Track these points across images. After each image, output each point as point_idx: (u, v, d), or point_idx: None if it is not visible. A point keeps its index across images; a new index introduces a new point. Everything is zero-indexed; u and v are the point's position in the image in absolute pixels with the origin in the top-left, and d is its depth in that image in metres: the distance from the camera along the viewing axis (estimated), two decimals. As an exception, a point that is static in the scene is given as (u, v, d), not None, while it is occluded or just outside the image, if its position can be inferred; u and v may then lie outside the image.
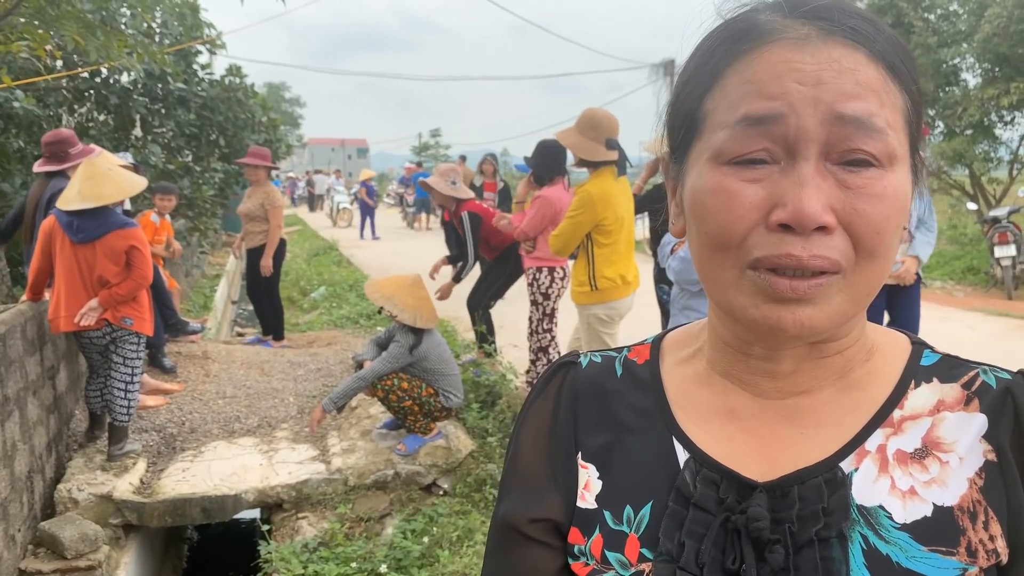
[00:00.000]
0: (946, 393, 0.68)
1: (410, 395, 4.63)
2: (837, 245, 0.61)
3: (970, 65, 12.40)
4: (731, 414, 0.72)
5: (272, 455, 4.86)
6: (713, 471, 0.70)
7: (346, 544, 4.02)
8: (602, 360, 0.82)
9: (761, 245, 0.61)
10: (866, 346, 0.72)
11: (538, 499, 0.76)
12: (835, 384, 0.70)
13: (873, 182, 0.61)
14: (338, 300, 10.53)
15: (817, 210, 0.59)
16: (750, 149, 0.62)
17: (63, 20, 4.78)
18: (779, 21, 0.64)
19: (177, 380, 6.03)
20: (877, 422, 0.68)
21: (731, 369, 0.73)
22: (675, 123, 0.71)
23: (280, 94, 62.40)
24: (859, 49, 0.62)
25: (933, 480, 0.65)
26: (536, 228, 5.23)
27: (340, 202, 25.52)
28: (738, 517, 0.66)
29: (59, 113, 8.21)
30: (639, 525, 0.71)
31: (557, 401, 0.80)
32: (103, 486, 4.29)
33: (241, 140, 10.24)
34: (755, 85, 0.62)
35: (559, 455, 0.77)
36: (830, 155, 0.61)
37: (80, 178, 4.41)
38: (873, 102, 0.61)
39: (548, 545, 0.75)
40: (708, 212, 0.64)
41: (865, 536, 0.64)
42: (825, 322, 0.63)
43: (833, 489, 0.66)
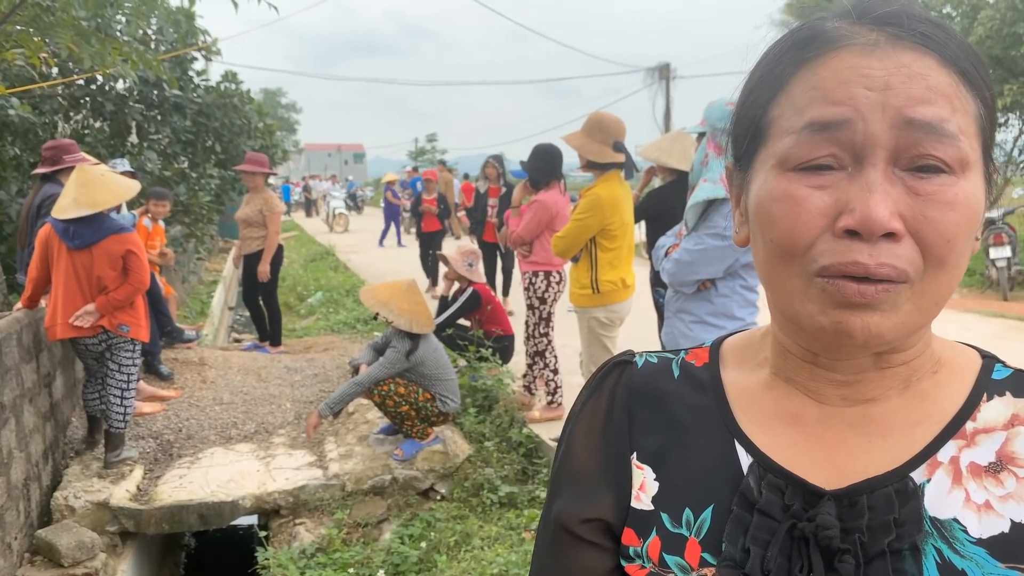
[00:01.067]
0: (1020, 407, 0.67)
1: (407, 400, 4.64)
2: (905, 254, 0.60)
3: (964, 67, 12.47)
4: (795, 420, 0.71)
5: (269, 461, 4.86)
6: (778, 476, 0.68)
7: (344, 550, 4.02)
8: (658, 361, 0.80)
9: (827, 252, 0.60)
10: (933, 358, 0.70)
11: (590, 499, 0.75)
12: (902, 394, 0.69)
13: (944, 189, 0.60)
14: (335, 305, 10.53)
15: (885, 216, 0.58)
16: (816, 155, 0.61)
17: (58, 28, 4.78)
18: (846, 28, 0.63)
19: (174, 387, 6.02)
20: (949, 433, 0.66)
21: (795, 375, 0.71)
22: (740, 131, 0.70)
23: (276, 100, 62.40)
24: (929, 54, 0.61)
25: (1010, 495, 0.63)
26: (532, 232, 5.24)
27: (336, 207, 25.53)
28: (806, 524, 0.64)
29: (55, 120, 8.20)
30: (700, 529, 0.69)
31: (612, 400, 0.78)
32: (100, 493, 4.28)
33: (237, 146, 10.24)
34: (822, 91, 0.62)
35: (613, 455, 0.76)
36: (899, 161, 0.60)
37: (74, 185, 4.42)
38: (944, 107, 0.60)
39: (599, 546, 0.74)
40: (773, 219, 0.63)
41: (939, 550, 0.62)
42: (892, 330, 0.61)
43: (904, 500, 0.64)
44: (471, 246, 6.65)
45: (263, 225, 7.16)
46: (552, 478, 0.81)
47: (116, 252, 4.43)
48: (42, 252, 4.47)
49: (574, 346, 5.38)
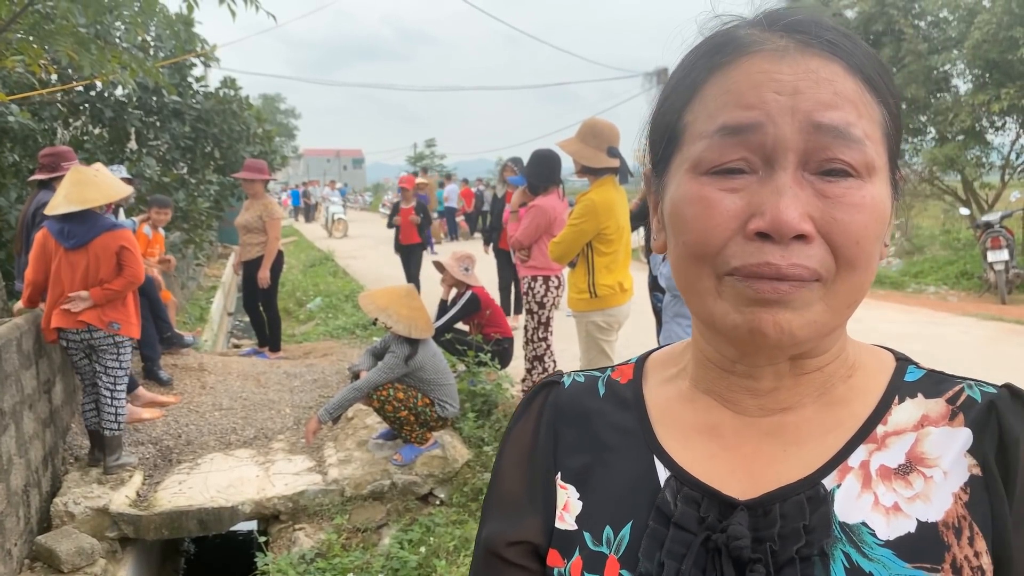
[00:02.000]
0: (931, 408, 0.68)
1: (406, 405, 4.65)
2: (816, 254, 0.60)
3: (961, 71, 12.49)
4: (713, 432, 0.71)
5: (269, 466, 4.86)
6: (694, 489, 0.69)
7: (343, 555, 4.02)
8: (585, 380, 0.81)
9: (739, 254, 0.61)
10: (848, 362, 0.71)
11: (517, 521, 0.76)
12: (817, 401, 0.70)
13: (851, 192, 0.61)
14: (334, 311, 10.53)
15: (795, 218, 0.59)
16: (728, 158, 0.62)
17: (58, 35, 4.80)
18: (758, 35, 0.65)
19: (173, 392, 6.03)
20: (860, 438, 0.67)
21: (714, 387, 0.72)
22: (656, 137, 0.71)
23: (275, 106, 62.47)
24: (836, 61, 0.62)
25: (917, 496, 0.64)
26: (530, 237, 5.25)
27: (335, 213, 25.56)
28: (719, 536, 0.65)
29: (54, 127, 8.22)
30: (619, 546, 0.69)
31: (538, 422, 0.79)
32: (99, 499, 4.28)
33: (236, 152, 10.26)
34: (733, 95, 0.63)
35: (538, 476, 0.76)
36: (808, 164, 0.61)
37: (67, 184, 4.51)
38: (851, 112, 0.61)
39: (526, 569, 0.74)
40: (687, 222, 0.64)
41: (848, 554, 0.63)
42: (804, 328, 0.62)
43: (815, 506, 0.65)
44: (465, 250, 6.66)
45: (263, 231, 7.18)
46: (483, 502, 0.82)
47: (111, 248, 4.50)
48: (39, 254, 4.53)
49: (573, 351, 5.39)
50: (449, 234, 21.94)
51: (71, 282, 4.45)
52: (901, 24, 12.19)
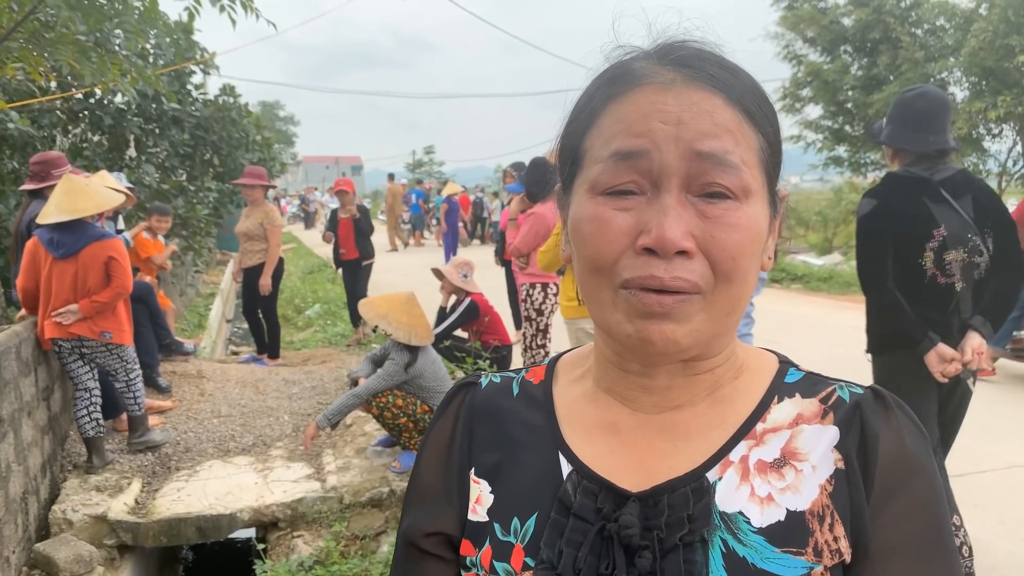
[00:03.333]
0: (805, 407, 0.74)
1: (405, 412, 4.65)
2: (697, 268, 0.67)
3: (957, 79, 12.55)
4: (613, 428, 0.78)
5: (267, 473, 4.86)
6: (593, 482, 0.74)
7: (342, 562, 4.02)
8: (501, 380, 0.87)
9: (629, 267, 0.68)
10: (736, 365, 0.78)
11: (434, 514, 0.81)
12: (706, 400, 0.76)
13: (729, 213, 0.67)
14: (333, 318, 10.53)
15: (677, 236, 0.65)
16: (620, 181, 0.68)
17: (58, 44, 4.82)
18: (650, 67, 0.70)
19: (171, 399, 6.03)
20: (741, 434, 0.74)
21: (613, 386, 0.79)
22: (563, 159, 0.77)
23: (274, 112, 62.50)
24: (717, 94, 0.68)
25: (788, 487, 0.71)
26: (529, 244, 5.26)
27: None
28: (612, 525, 0.71)
29: (53, 134, 8.23)
30: (524, 535, 0.75)
31: (455, 420, 0.85)
32: (98, 507, 4.28)
33: (235, 159, 10.28)
34: (625, 124, 0.69)
35: (454, 471, 0.82)
36: (691, 187, 0.67)
37: (58, 193, 4.55)
38: (728, 141, 0.67)
39: (442, 558, 0.80)
40: (585, 237, 0.71)
41: (725, 540, 0.69)
42: (687, 337, 0.68)
43: (699, 497, 0.71)
44: (464, 257, 6.68)
45: (264, 238, 7.21)
46: (404, 497, 0.87)
47: (99, 258, 4.53)
48: (29, 262, 4.59)
49: (571, 357, 5.39)
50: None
51: (60, 291, 4.50)
52: (898, 32, 12.24)
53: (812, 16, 13.51)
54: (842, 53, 13.69)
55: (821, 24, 13.33)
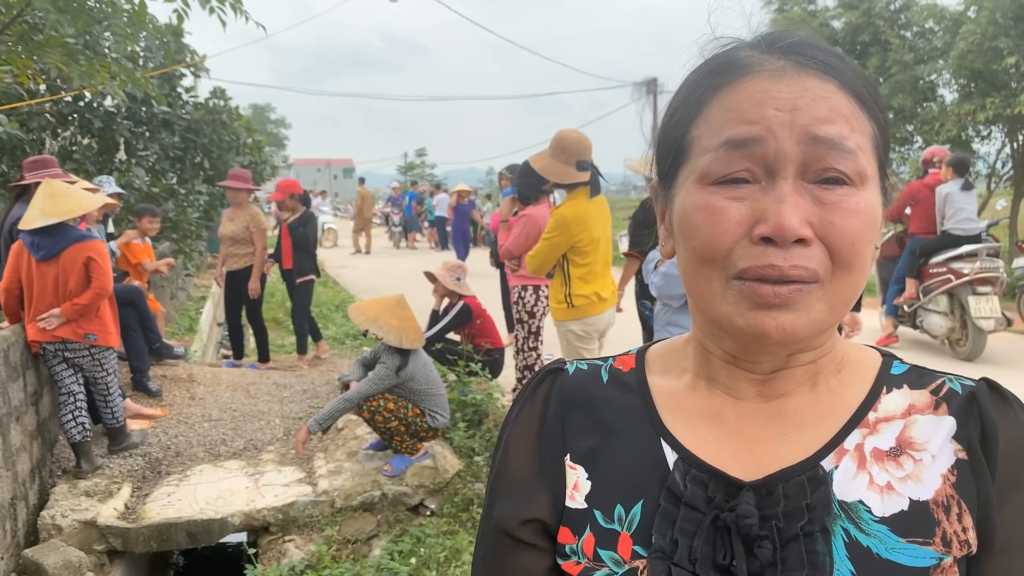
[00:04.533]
0: (916, 398, 0.73)
1: (396, 416, 4.63)
2: (815, 256, 0.65)
3: (946, 81, 12.61)
4: (717, 417, 0.76)
5: (258, 478, 4.84)
6: (702, 471, 0.73)
7: (333, 566, 4.00)
8: (588, 368, 0.85)
9: (745, 257, 0.66)
10: (836, 358, 0.76)
11: (528, 501, 0.80)
12: (811, 391, 0.75)
13: (846, 198, 0.66)
14: (324, 321, 10.50)
15: (795, 224, 0.64)
16: (733, 169, 0.67)
17: (47, 47, 4.80)
18: (757, 56, 0.70)
19: (162, 404, 5.99)
20: (854, 423, 0.73)
21: (715, 375, 0.77)
22: (663, 151, 0.76)
23: (265, 115, 62.37)
24: (830, 80, 0.68)
25: (908, 476, 0.69)
26: (521, 246, 5.26)
27: (325, 222, 25.52)
28: (727, 515, 0.70)
29: (42, 137, 8.19)
30: (631, 523, 0.74)
31: (545, 407, 0.83)
32: (87, 512, 4.25)
33: (226, 162, 10.24)
34: (736, 112, 0.68)
35: (547, 458, 0.80)
36: (806, 174, 0.66)
37: (41, 197, 4.56)
38: (844, 126, 0.66)
39: (537, 547, 0.78)
40: (695, 228, 0.69)
41: (847, 530, 0.68)
42: (805, 328, 0.67)
43: (815, 486, 0.70)
44: (456, 260, 6.68)
45: (250, 242, 7.18)
46: (490, 485, 0.85)
47: (79, 260, 4.54)
48: (13, 264, 4.61)
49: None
50: (439, 243, 21.94)
51: (42, 293, 4.54)
52: (887, 35, 12.30)
53: (802, 19, 13.57)
54: (832, 55, 13.76)
55: (811, 27, 13.38)
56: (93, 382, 4.80)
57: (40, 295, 4.53)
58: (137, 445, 5.10)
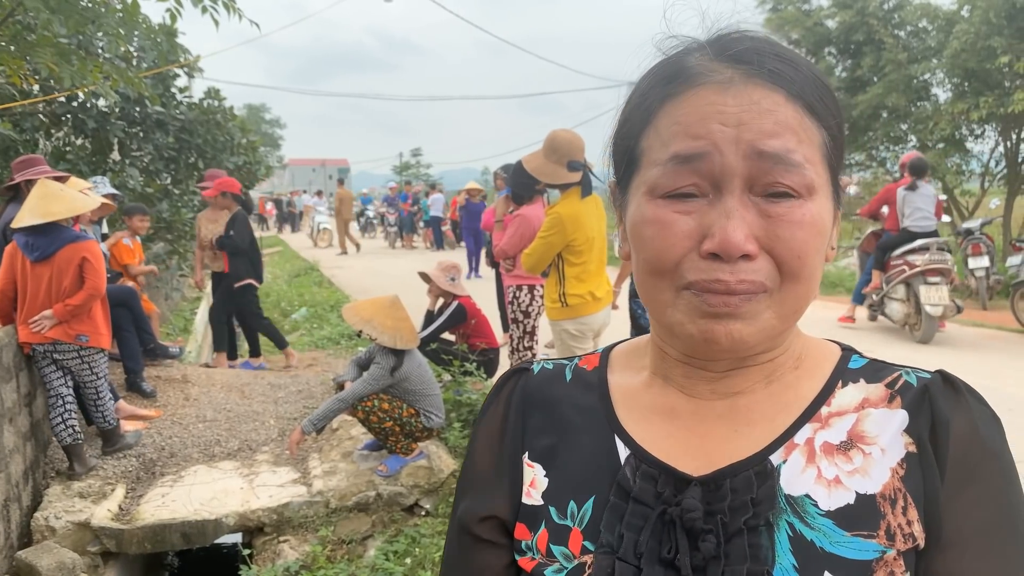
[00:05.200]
0: (871, 392, 0.74)
1: (391, 416, 4.63)
2: (762, 268, 0.67)
3: (940, 80, 12.64)
4: (671, 413, 0.78)
5: (253, 478, 4.83)
6: (652, 467, 0.74)
7: (328, 567, 4.00)
8: (554, 367, 0.88)
9: (693, 270, 0.67)
10: (795, 354, 0.77)
11: (487, 499, 0.82)
12: (766, 387, 0.76)
13: (792, 211, 0.67)
14: (319, 321, 10.49)
15: (740, 240, 0.65)
16: (680, 184, 0.68)
17: (38, 47, 4.78)
18: (706, 64, 0.70)
19: (155, 405, 5.98)
20: (806, 418, 0.73)
21: (671, 374, 0.79)
22: (617, 157, 0.77)
23: (260, 115, 62.32)
24: (778, 91, 0.68)
25: (856, 470, 0.70)
26: (515, 246, 5.26)
27: (321, 223, 25.51)
28: (674, 509, 0.71)
29: (35, 138, 8.17)
30: (582, 519, 0.75)
31: (508, 406, 0.85)
32: (81, 513, 4.24)
33: (220, 163, 10.23)
34: (683, 126, 0.68)
35: (507, 456, 0.82)
36: (753, 188, 0.67)
37: (33, 197, 4.56)
38: (791, 139, 0.67)
39: (495, 544, 0.80)
40: (645, 240, 0.70)
41: (791, 523, 0.69)
42: (754, 336, 0.68)
43: (762, 480, 0.70)
44: (452, 260, 6.67)
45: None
46: (458, 483, 0.87)
47: (73, 260, 4.53)
48: (7, 265, 4.60)
49: (558, 359, 5.39)
50: (435, 243, 21.94)
51: (36, 294, 4.52)
52: (881, 34, 12.33)
53: (796, 18, 13.58)
54: (826, 55, 13.77)
55: (805, 26, 13.40)
56: (82, 385, 4.77)
57: (34, 296, 4.51)
58: (131, 446, 5.09)
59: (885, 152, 13.93)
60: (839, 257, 15.80)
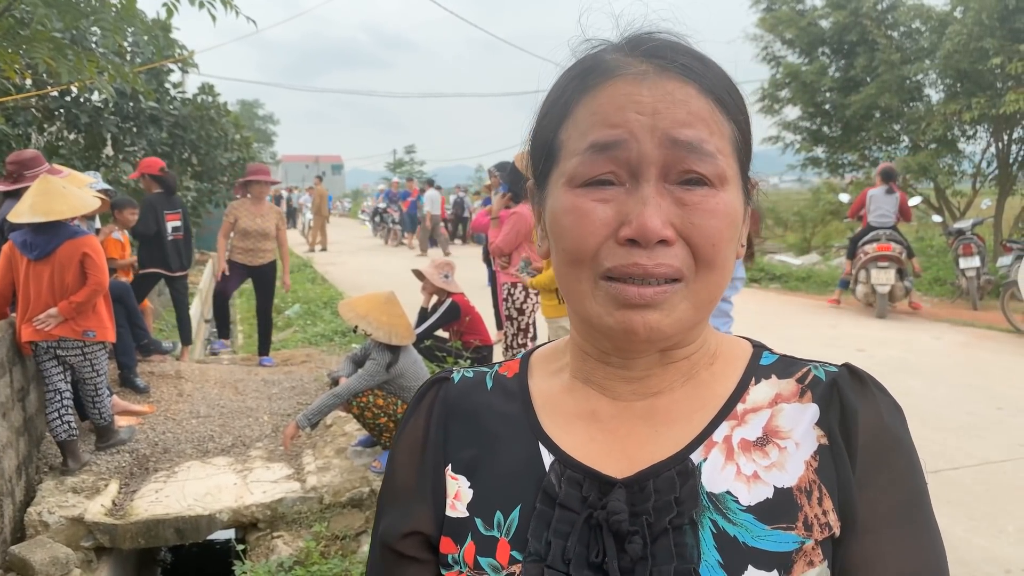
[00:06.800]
0: (783, 387, 0.76)
1: (385, 412, 4.64)
2: (678, 255, 0.68)
3: (932, 81, 12.70)
4: (592, 417, 0.78)
5: (247, 474, 4.83)
6: (576, 471, 0.75)
7: (322, 562, 4.00)
8: (474, 376, 0.87)
9: (611, 257, 0.68)
10: (710, 351, 0.79)
11: (408, 514, 0.80)
12: (684, 385, 0.77)
13: (706, 199, 0.68)
14: (313, 318, 10.48)
15: (658, 225, 0.66)
16: (598, 172, 0.69)
17: (34, 41, 4.76)
18: (621, 59, 0.71)
19: (149, 401, 5.97)
20: (723, 415, 0.75)
21: (591, 376, 0.79)
22: (536, 153, 0.77)
23: (253, 111, 62.11)
24: (690, 84, 0.69)
25: (773, 464, 0.72)
26: (511, 244, 5.28)
27: (311, 219, 25.36)
28: (600, 513, 0.71)
29: (28, 132, 8.13)
30: (509, 529, 0.75)
31: (428, 418, 0.84)
32: (74, 508, 4.24)
33: (214, 158, 10.21)
34: (600, 116, 0.69)
35: (429, 469, 0.81)
36: (668, 176, 0.68)
37: (33, 193, 4.51)
38: (703, 130, 0.68)
39: (419, 560, 0.79)
40: (564, 230, 0.71)
41: (715, 520, 0.70)
42: (671, 326, 0.70)
43: (684, 479, 0.72)
44: (445, 258, 6.69)
45: (275, 237, 7.38)
46: (378, 500, 0.85)
47: (75, 256, 4.49)
48: (5, 264, 4.55)
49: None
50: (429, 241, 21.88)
51: (38, 293, 4.46)
52: (875, 35, 12.38)
53: (790, 18, 13.61)
54: (820, 55, 13.80)
55: (799, 26, 13.43)
56: (82, 381, 4.75)
57: (36, 295, 4.45)
58: (125, 442, 5.08)
59: (878, 152, 13.97)
60: (831, 256, 15.87)
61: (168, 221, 7.01)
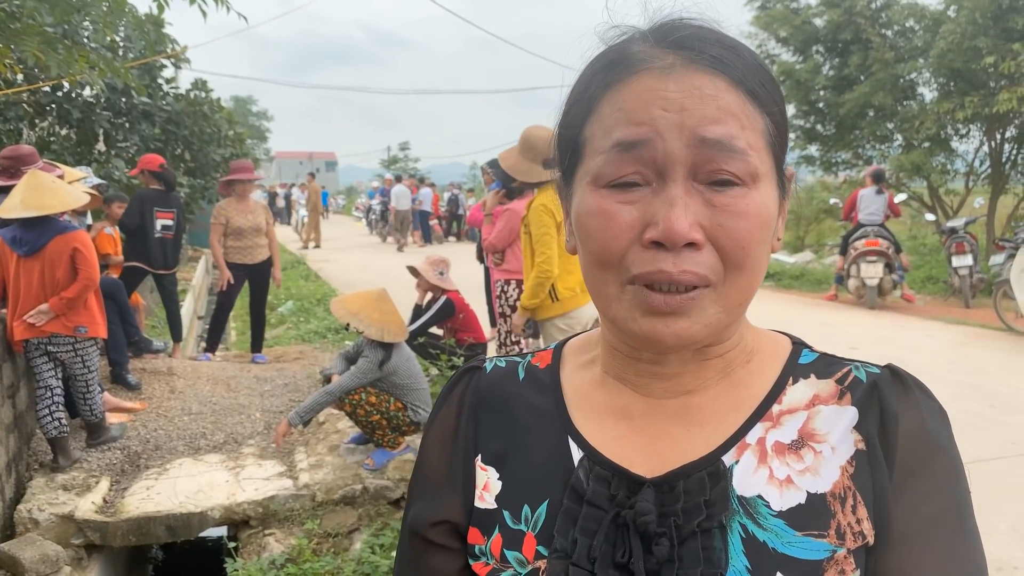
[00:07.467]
0: (821, 388, 0.73)
1: (378, 409, 4.62)
2: (706, 260, 0.65)
3: (926, 80, 12.73)
4: (623, 414, 0.76)
5: (239, 472, 4.81)
6: (605, 469, 0.73)
7: (314, 560, 3.99)
8: (506, 365, 0.85)
9: (637, 262, 0.66)
10: (747, 348, 0.76)
11: (439, 502, 0.80)
12: (719, 384, 0.75)
13: (737, 200, 0.66)
14: (305, 315, 10.45)
15: (685, 228, 0.64)
16: (623, 172, 0.66)
17: (24, 35, 4.72)
18: (647, 51, 0.68)
19: (140, 398, 5.95)
20: (757, 417, 0.73)
21: (623, 372, 0.77)
22: (562, 149, 0.75)
23: (247, 108, 61.89)
24: (720, 76, 0.66)
25: (807, 469, 0.69)
26: (504, 240, 5.26)
27: (305, 216, 25.29)
28: (627, 512, 0.70)
29: (19, 127, 8.09)
30: (536, 523, 0.74)
31: (460, 407, 0.83)
32: (65, 506, 4.21)
33: (207, 154, 10.17)
34: (625, 113, 0.67)
35: (459, 459, 0.80)
36: (697, 176, 0.65)
37: (23, 188, 4.47)
38: (733, 126, 0.65)
39: (448, 548, 0.78)
40: (590, 232, 0.69)
41: (744, 525, 0.68)
42: (700, 332, 0.67)
43: (715, 482, 0.70)
44: (440, 255, 6.67)
45: (265, 233, 7.37)
46: (408, 487, 0.85)
47: (65, 252, 4.47)
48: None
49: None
50: (424, 238, 21.86)
51: (29, 289, 4.43)
52: (869, 33, 12.39)
53: (785, 16, 13.62)
54: (814, 53, 13.82)
55: (794, 24, 13.44)
56: (73, 377, 4.73)
57: (27, 291, 4.42)
58: (116, 439, 5.05)
59: (871, 151, 14.01)
60: (824, 254, 15.90)
61: (159, 218, 6.92)
